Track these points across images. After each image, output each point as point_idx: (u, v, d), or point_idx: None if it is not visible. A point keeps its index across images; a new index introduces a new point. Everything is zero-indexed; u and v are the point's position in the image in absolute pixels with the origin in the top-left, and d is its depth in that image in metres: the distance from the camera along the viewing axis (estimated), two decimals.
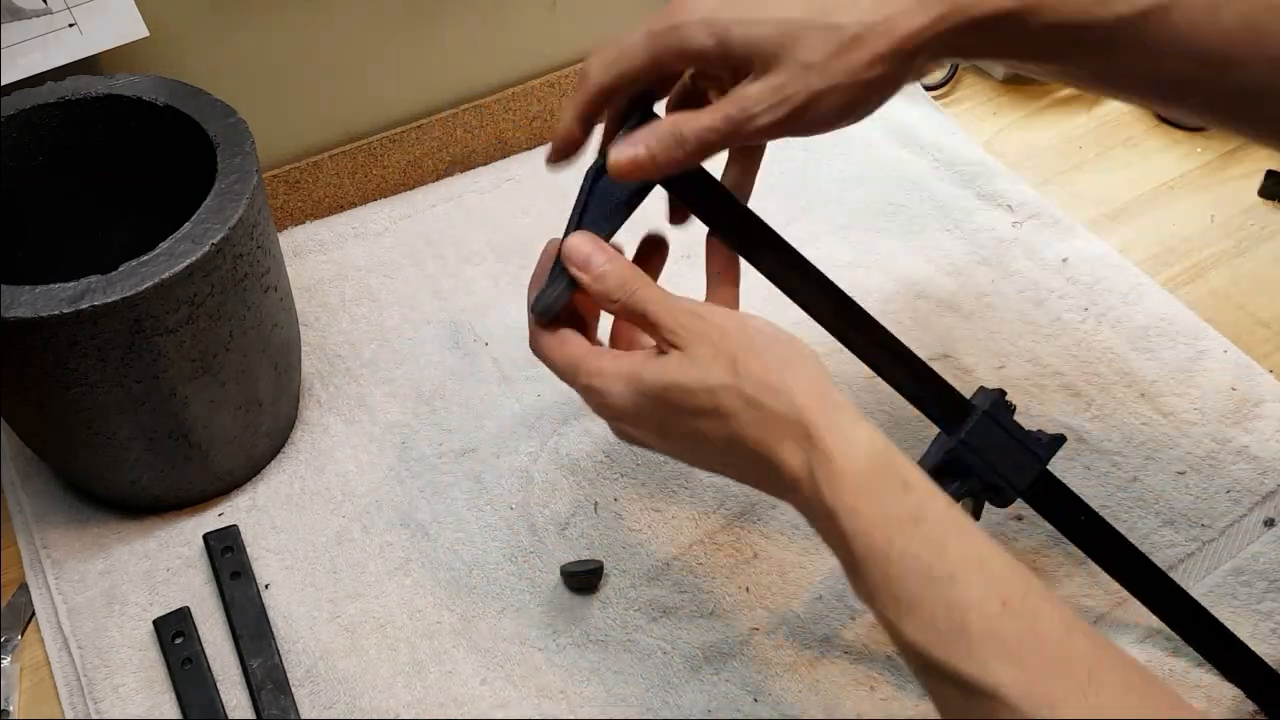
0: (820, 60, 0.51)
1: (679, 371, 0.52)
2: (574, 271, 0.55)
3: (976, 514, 0.61)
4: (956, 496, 0.59)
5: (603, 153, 0.55)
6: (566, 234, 0.56)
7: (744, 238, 0.59)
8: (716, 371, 0.51)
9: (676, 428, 0.53)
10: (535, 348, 0.57)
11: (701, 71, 0.58)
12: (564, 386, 0.79)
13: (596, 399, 0.55)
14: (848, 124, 0.54)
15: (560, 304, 0.56)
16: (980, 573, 0.46)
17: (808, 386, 0.50)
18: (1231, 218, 0.92)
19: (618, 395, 0.53)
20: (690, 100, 0.59)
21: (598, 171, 0.56)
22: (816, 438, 0.49)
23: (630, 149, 0.54)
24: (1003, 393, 0.60)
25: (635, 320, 0.54)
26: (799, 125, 0.53)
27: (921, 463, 0.59)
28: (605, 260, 0.55)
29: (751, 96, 0.52)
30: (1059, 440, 0.59)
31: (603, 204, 0.57)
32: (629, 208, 0.57)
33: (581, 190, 0.57)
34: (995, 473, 0.58)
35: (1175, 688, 0.64)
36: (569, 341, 0.56)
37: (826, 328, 0.60)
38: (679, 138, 0.53)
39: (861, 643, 0.66)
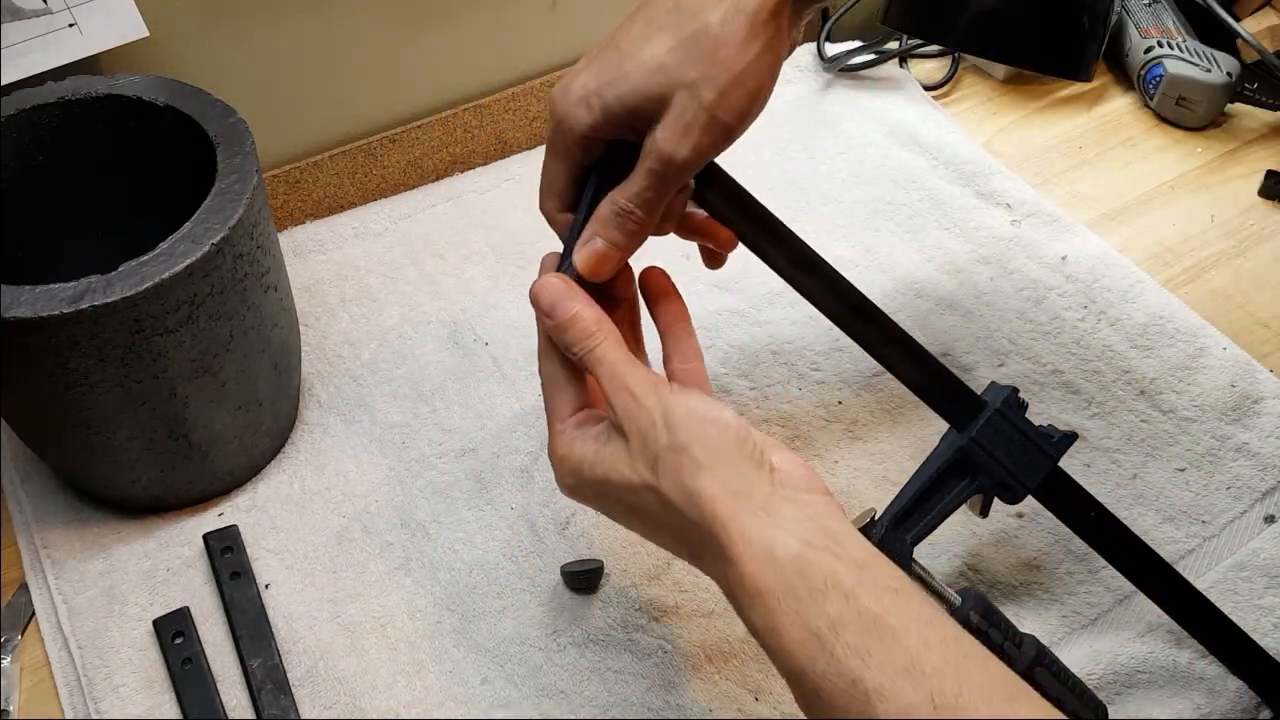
0: (699, 73, 0.51)
1: (613, 463, 0.51)
2: (539, 314, 0.55)
3: (985, 510, 0.61)
4: (966, 494, 0.59)
5: (597, 164, 0.55)
6: (568, 244, 0.56)
7: (755, 230, 0.59)
8: (641, 469, 0.50)
9: (617, 513, 0.54)
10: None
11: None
12: None
13: (553, 467, 0.55)
14: (761, 107, 0.53)
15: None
16: (908, 677, 0.42)
17: (721, 489, 0.47)
18: (1231, 218, 0.93)
19: (566, 477, 0.54)
20: None
21: (599, 178, 0.55)
22: (729, 550, 0.46)
23: (589, 249, 0.55)
24: (1015, 390, 0.59)
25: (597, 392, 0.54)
26: (719, 138, 0.52)
27: (929, 461, 0.59)
28: (571, 309, 0.54)
29: (661, 140, 0.52)
30: (1070, 437, 0.59)
31: None
32: None
33: (583, 199, 0.56)
34: (1005, 470, 0.58)
35: (1178, 681, 0.64)
36: (557, 394, 0.56)
37: (836, 323, 0.59)
38: (623, 213, 0.54)
39: None
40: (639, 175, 0.53)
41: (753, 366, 0.81)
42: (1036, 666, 0.57)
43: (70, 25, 0.73)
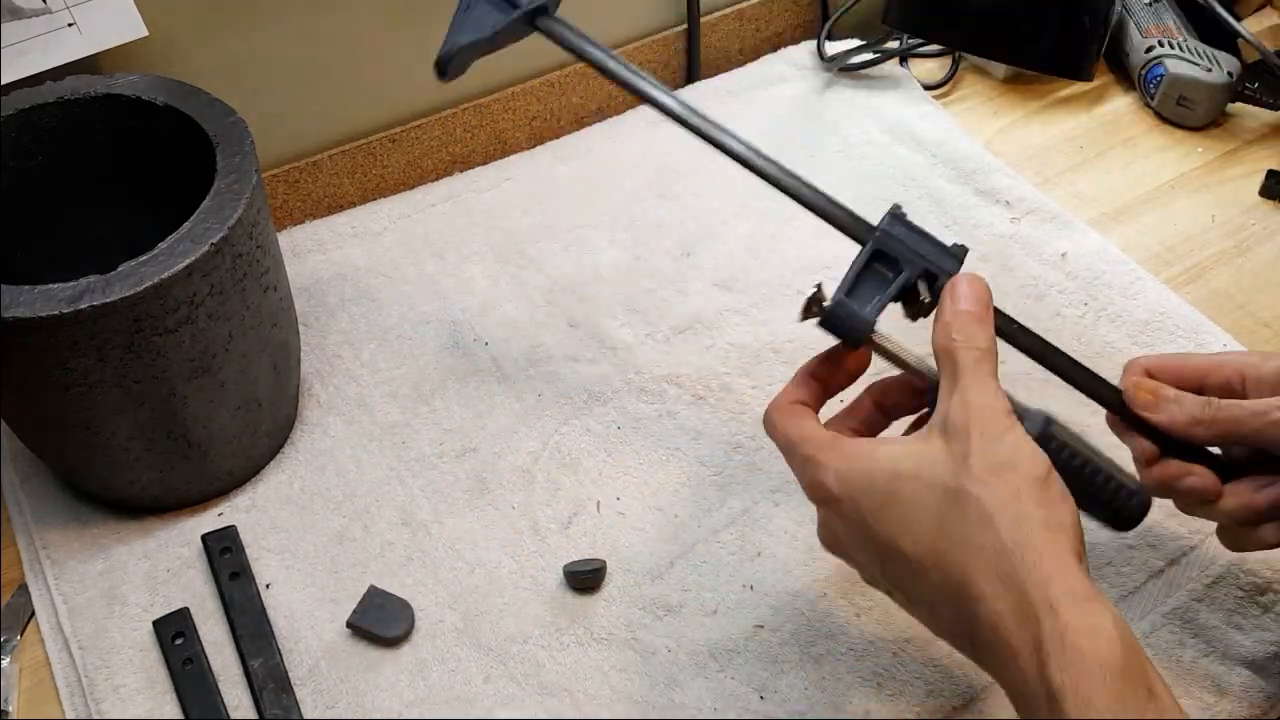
0: None
1: (928, 461, 0.47)
2: (947, 294, 0.53)
3: (925, 311, 0.58)
4: (898, 285, 0.57)
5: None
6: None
7: None
8: (965, 478, 0.45)
9: (885, 527, 0.47)
10: (769, 419, 0.55)
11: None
12: (564, 386, 0.80)
13: (811, 473, 0.50)
14: None
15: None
16: None
17: (1058, 536, 0.44)
18: (1232, 217, 0.92)
19: (835, 471, 0.49)
20: None
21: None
22: (1058, 609, 0.42)
23: (1159, 388, 0.57)
24: (898, 205, 0.60)
25: (943, 368, 0.51)
26: None
27: (856, 258, 0.58)
28: (982, 311, 0.53)
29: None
30: (964, 248, 0.59)
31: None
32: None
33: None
34: (923, 257, 0.57)
35: (1184, 680, 0.64)
36: (801, 415, 0.53)
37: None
38: (1205, 401, 0.56)
39: (867, 640, 0.66)
40: (1248, 404, 0.56)
41: (754, 365, 0.81)
42: (1051, 426, 0.54)
43: (69, 25, 0.73)
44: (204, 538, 0.71)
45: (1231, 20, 0.97)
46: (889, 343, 0.56)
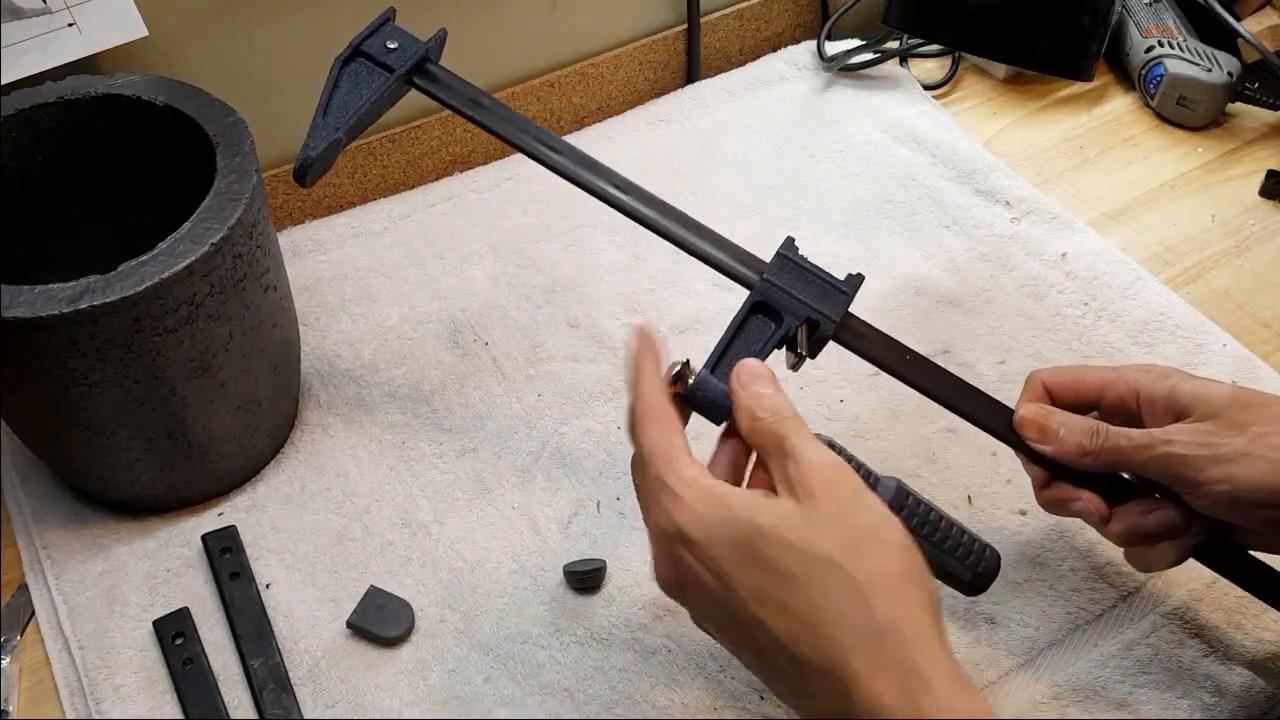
0: (1257, 429, 0.54)
1: (787, 522, 0.45)
2: (735, 384, 0.52)
3: (800, 357, 0.59)
4: (776, 336, 0.58)
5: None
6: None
7: None
8: (829, 544, 0.44)
9: (746, 586, 0.45)
10: (637, 417, 0.52)
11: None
12: (564, 386, 0.80)
13: (666, 503, 0.48)
14: (1259, 514, 0.55)
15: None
16: None
17: (924, 614, 0.44)
18: (1232, 217, 0.92)
19: (693, 512, 0.47)
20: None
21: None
22: (929, 679, 0.42)
23: (1047, 418, 0.58)
24: (791, 239, 0.59)
25: (765, 446, 0.49)
26: (1208, 470, 0.54)
27: (736, 315, 0.58)
28: (773, 387, 0.52)
29: (1176, 428, 0.55)
30: (858, 278, 0.59)
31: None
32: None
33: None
34: (806, 305, 0.58)
35: (1184, 681, 0.64)
36: (673, 429, 0.51)
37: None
38: (1092, 430, 0.57)
39: None
40: (1137, 432, 0.57)
41: None
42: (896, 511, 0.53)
43: (69, 25, 0.73)
44: (204, 538, 0.71)
45: (1231, 20, 0.97)
46: None
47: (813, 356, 0.60)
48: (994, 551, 0.56)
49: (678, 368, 0.55)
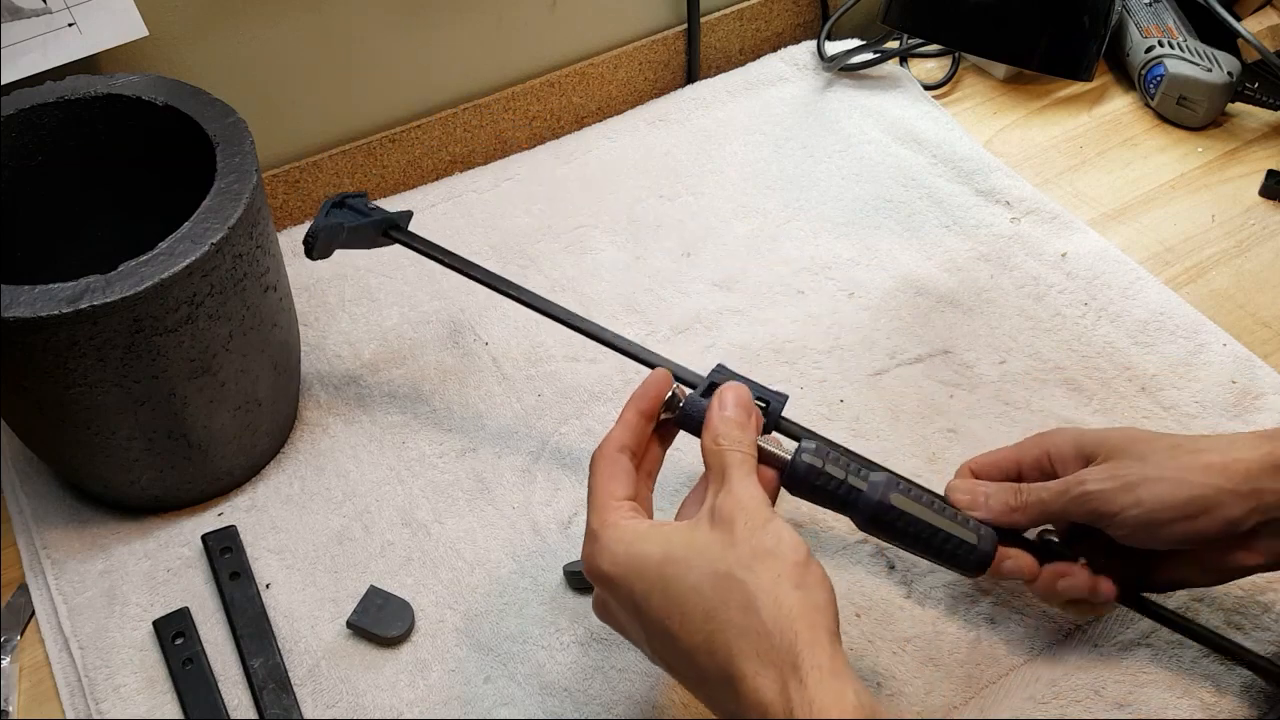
0: (1156, 458, 0.59)
1: (695, 546, 0.50)
2: (715, 402, 0.57)
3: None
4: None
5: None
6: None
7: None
8: (730, 562, 0.49)
9: (655, 608, 0.50)
10: (594, 460, 0.57)
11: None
12: (564, 386, 0.80)
13: (589, 546, 0.53)
14: (1171, 531, 0.58)
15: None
16: None
17: (814, 617, 0.48)
18: (1232, 217, 0.92)
19: (609, 552, 0.52)
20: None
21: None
22: (804, 676, 0.46)
23: (974, 488, 0.63)
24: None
25: (711, 467, 0.55)
26: (1120, 499, 0.58)
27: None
28: (744, 417, 0.57)
29: (1086, 471, 0.60)
30: (784, 396, 0.62)
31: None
32: None
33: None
34: (759, 386, 0.61)
35: (1184, 681, 0.64)
36: (613, 476, 0.55)
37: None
38: (1015, 490, 0.61)
39: (865, 639, 0.66)
40: (1050, 485, 0.62)
41: (754, 365, 0.81)
42: (891, 493, 0.57)
43: (70, 25, 0.73)
44: (204, 538, 0.71)
45: (1231, 20, 0.97)
46: None
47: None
48: (984, 547, 0.60)
49: (668, 395, 0.59)
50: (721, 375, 0.61)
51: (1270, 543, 0.59)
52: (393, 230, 0.75)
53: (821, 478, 0.57)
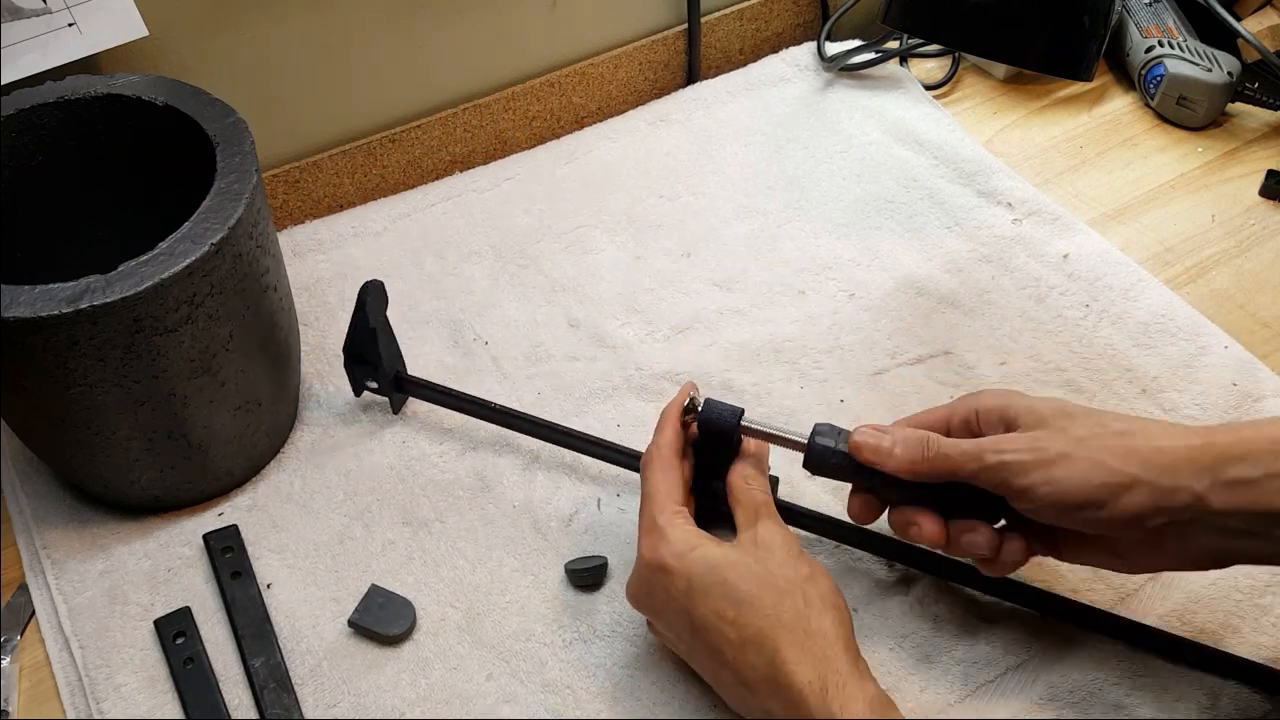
0: (1077, 434, 0.57)
1: (747, 563, 0.58)
2: (744, 450, 0.66)
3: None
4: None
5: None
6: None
7: None
8: (780, 579, 0.58)
9: (709, 607, 0.57)
10: (650, 460, 0.64)
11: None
12: (564, 384, 0.80)
13: (654, 538, 0.60)
14: (1077, 517, 0.57)
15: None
16: None
17: (844, 632, 0.57)
18: (1232, 217, 0.92)
19: (673, 548, 0.59)
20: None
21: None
22: (842, 673, 0.55)
23: (880, 437, 0.61)
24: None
25: (745, 506, 0.63)
26: (1032, 474, 0.57)
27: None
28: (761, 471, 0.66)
29: (1004, 437, 0.59)
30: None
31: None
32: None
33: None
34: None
35: (1182, 683, 0.64)
36: (674, 478, 0.63)
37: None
38: (924, 441, 0.60)
39: (863, 636, 0.66)
40: (965, 442, 0.61)
41: (754, 364, 0.81)
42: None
43: (70, 25, 0.73)
44: (205, 537, 0.71)
45: (1231, 20, 0.97)
46: (759, 425, 0.65)
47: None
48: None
49: (688, 400, 0.65)
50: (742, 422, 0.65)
51: (1180, 545, 0.56)
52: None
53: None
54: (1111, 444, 0.56)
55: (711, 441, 0.65)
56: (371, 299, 0.73)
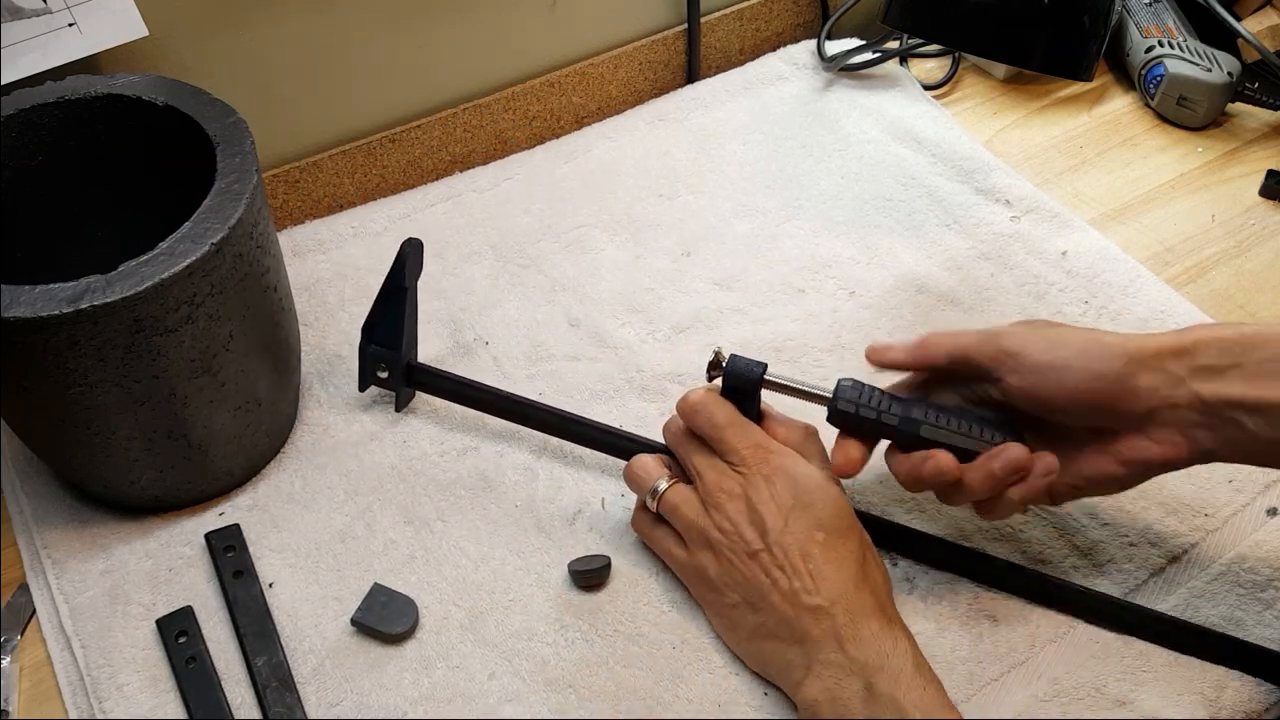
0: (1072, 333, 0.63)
1: (838, 494, 0.64)
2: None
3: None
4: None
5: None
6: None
7: None
8: (851, 528, 0.63)
9: (810, 514, 0.62)
10: (701, 399, 0.67)
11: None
12: (565, 384, 0.80)
13: (771, 455, 0.65)
14: (1069, 387, 0.61)
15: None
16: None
17: (888, 586, 0.64)
18: (1232, 217, 0.93)
19: (791, 459, 0.65)
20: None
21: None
22: (870, 613, 0.60)
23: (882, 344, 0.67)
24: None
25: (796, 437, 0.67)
26: (1030, 345, 0.62)
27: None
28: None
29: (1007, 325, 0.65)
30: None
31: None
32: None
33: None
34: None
35: (1184, 677, 0.64)
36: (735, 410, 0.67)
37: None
38: (923, 335, 0.66)
39: None
40: (967, 333, 0.66)
41: None
42: (921, 424, 0.64)
43: (70, 25, 0.73)
44: (207, 536, 0.71)
45: (1231, 20, 0.97)
46: (784, 379, 0.67)
47: None
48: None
49: (712, 356, 0.67)
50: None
51: (1169, 434, 0.60)
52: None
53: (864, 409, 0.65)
54: (1103, 338, 0.61)
55: (735, 397, 0.67)
56: (411, 257, 0.73)
